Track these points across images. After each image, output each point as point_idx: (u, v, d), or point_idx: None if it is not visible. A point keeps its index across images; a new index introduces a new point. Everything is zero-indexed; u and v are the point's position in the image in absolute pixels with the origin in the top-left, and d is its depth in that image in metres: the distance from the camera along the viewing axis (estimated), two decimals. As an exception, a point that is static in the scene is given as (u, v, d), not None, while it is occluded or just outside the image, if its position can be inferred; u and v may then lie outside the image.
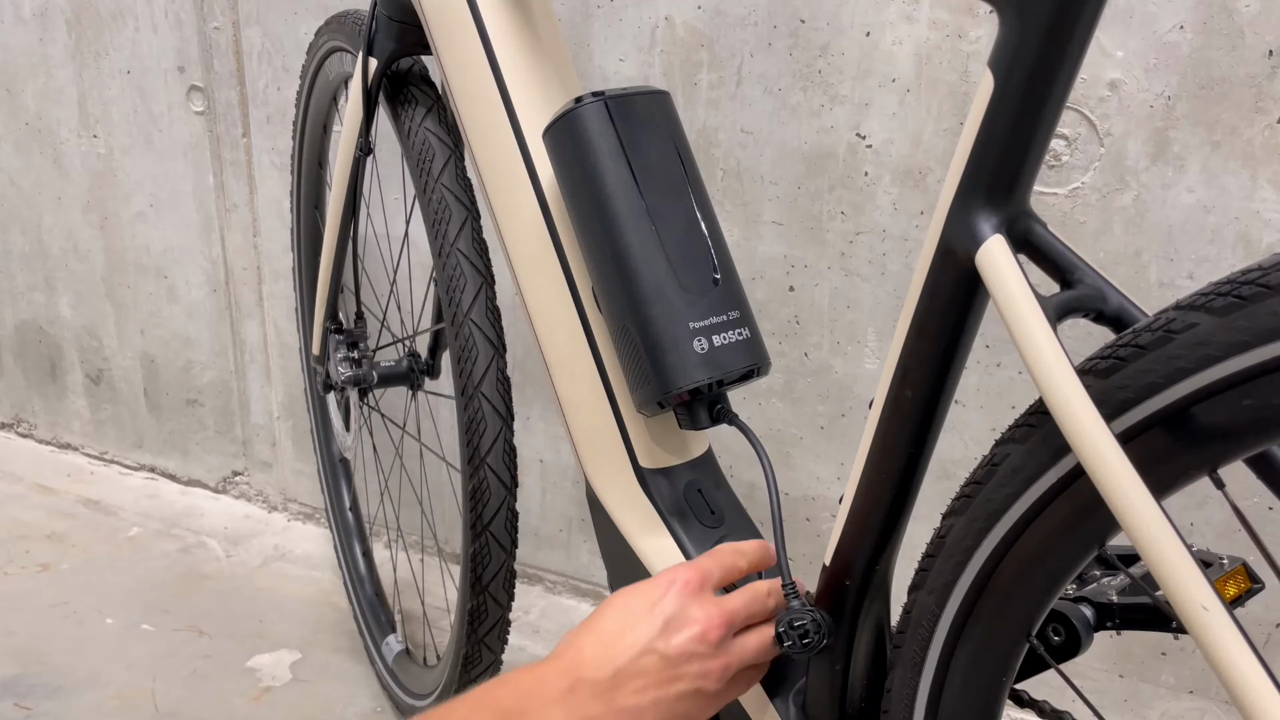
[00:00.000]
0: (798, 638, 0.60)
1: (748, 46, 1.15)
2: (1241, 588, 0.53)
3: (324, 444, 1.47)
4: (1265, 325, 0.39)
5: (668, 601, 0.61)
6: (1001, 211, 0.49)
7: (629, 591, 0.63)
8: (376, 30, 0.94)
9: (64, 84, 1.71)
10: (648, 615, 0.60)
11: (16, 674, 1.31)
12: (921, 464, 0.56)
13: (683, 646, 0.59)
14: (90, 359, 1.89)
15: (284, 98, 1.51)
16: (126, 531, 1.70)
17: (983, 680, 0.54)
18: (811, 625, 0.60)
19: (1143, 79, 0.98)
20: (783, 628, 0.61)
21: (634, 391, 0.72)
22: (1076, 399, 0.44)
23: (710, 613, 0.60)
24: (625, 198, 0.69)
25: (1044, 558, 0.50)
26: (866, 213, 1.13)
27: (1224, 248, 0.99)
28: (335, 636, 1.42)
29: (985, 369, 1.12)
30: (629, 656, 0.59)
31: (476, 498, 0.92)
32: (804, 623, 0.60)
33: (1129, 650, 1.14)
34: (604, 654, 0.59)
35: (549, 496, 1.48)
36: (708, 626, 0.60)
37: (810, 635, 0.60)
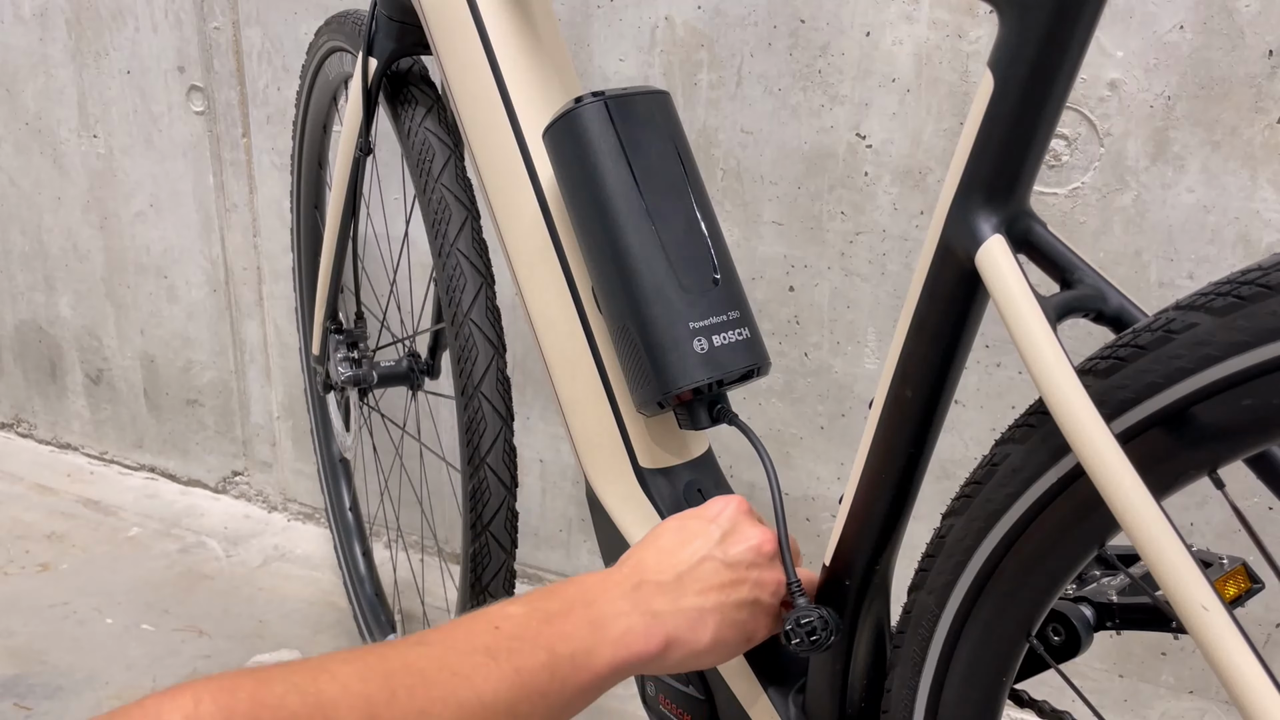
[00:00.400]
0: (805, 635, 0.60)
1: (748, 46, 1.15)
2: (1241, 588, 0.53)
3: (324, 444, 1.47)
4: (1265, 325, 0.39)
5: (724, 518, 0.64)
6: (1001, 211, 0.49)
7: (683, 515, 0.66)
8: (376, 30, 0.94)
9: (64, 84, 1.71)
10: (705, 529, 0.63)
11: (16, 674, 1.31)
12: (921, 464, 0.56)
13: (741, 555, 0.62)
14: (90, 359, 1.89)
15: (284, 98, 1.50)
16: (126, 531, 1.70)
17: (982, 680, 0.54)
18: (819, 622, 0.60)
19: (1143, 79, 0.98)
20: (790, 625, 0.61)
21: (634, 391, 0.72)
22: (1076, 399, 0.44)
23: (763, 530, 0.64)
24: (625, 198, 0.69)
25: (1044, 558, 0.50)
26: (866, 213, 1.13)
27: (1224, 248, 0.99)
28: (335, 637, 1.42)
29: (985, 369, 1.12)
30: (691, 563, 0.61)
31: (477, 498, 0.92)
32: (811, 619, 0.60)
33: (1129, 650, 1.14)
34: (666, 561, 0.61)
35: (549, 496, 1.48)
36: (763, 540, 0.63)
37: (818, 632, 0.60)
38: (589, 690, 0.54)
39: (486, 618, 0.53)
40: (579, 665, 0.53)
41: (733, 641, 0.62)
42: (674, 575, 0.61)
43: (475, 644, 0.51)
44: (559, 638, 0.53)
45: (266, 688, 0.42)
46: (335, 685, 0.44)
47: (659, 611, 0.58)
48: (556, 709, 0.52)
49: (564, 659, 0.53)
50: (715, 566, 0.61)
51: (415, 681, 0.47)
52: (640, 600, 0.58)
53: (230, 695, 0.40)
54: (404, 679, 0.47)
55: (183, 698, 0.40)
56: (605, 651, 0.55)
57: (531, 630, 0.53)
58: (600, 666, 0.54)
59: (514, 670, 0.50)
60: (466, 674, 0.49)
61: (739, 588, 0.61)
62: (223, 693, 0.40)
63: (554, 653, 0.53)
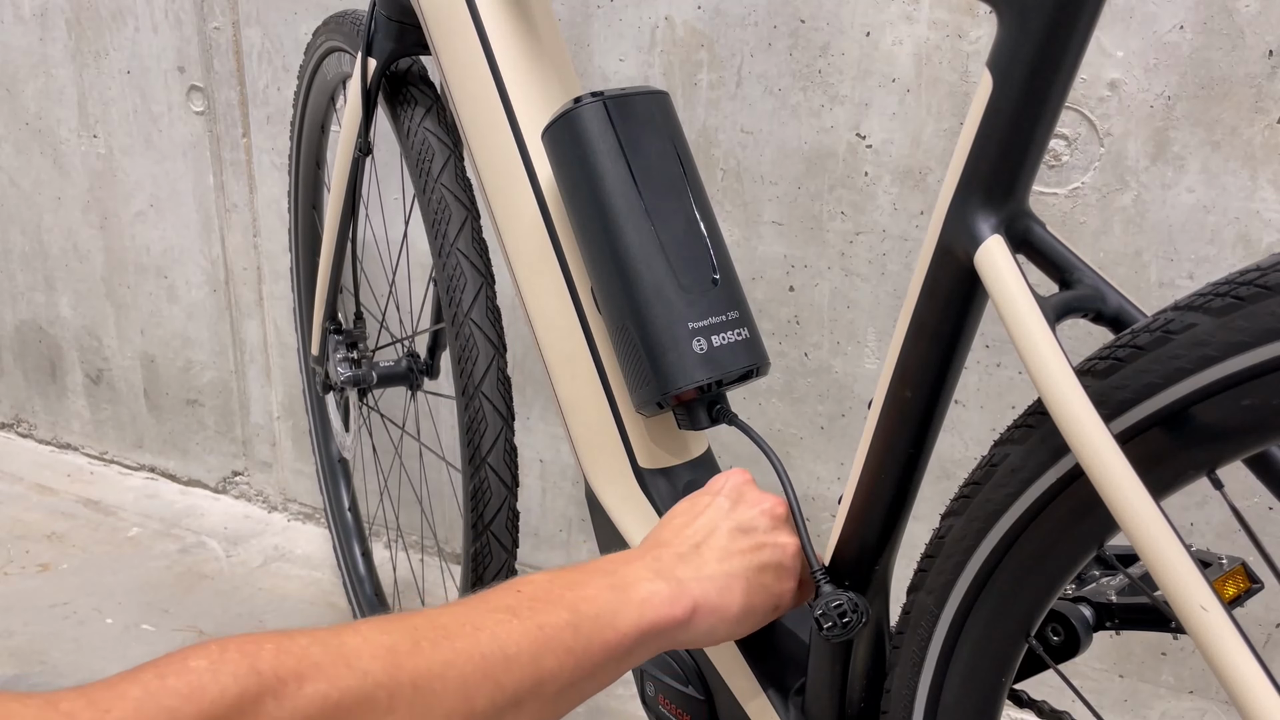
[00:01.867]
0: (837, 617, 0.60)
1: (748, 46, 1.15)
2: (1241, 588, 0.53)
3: (323, 444, 1.47)
4: (1264, 325, 0.39)
5: (730, 488, 0.65)
6: (1001, 211, 0.49)
7: (689, 496, 0.66)
8: (375, 30, 0.94)
9: (64, 84, 1.71)
10: (714, 501, 0.64)
11: (16, 674, 1.31)
12: (921, 464, 0.56)
13: (754, 519, 0.63)
14: (90, 359, 1.89)
15: (284, 98, 1.50)
16: (126, 531, 1.70)
17: (982, 680, 0.54)
18: (849, 605, 0.60)
19: (1143, 79, 0.98)
20: (820, 611, 0.60)
21: (633, 392, 0.72)
22: (1075, 399, 0.44)
23: (771, 495, 0.65)
24: (624, 198, 0.69)
25: (1043, 558, 0.50)
26: (866, 213, 1.13)
27: (1224, 248, 0.99)
28: (335, 636, 1.42)
29: (985, 369, 1.12)
30: (706, 532, 0.62)
31: (478, 498, 0.92)
32: (840, 603, 0.60)
33: (1129, 650, 1.14)
34: (682, 535, 0.62)
35: (549, 496, 1.48)
36: (773, 504, 0.64)
37: (849, 614, 0.60)
38: (615, 652, 0.53)
39: (509, 585, 0.54)
40: (603, 624, 0.53)
41: (762, 608, 0.61)
42: (692, 545, 0.61)
43: (498, 604, 0.51)
44: (582, 600, 0.53)
45: (290, 640, 0.42)
46: (357, 637, 0.45)
47: (684, 579, 0.58)
48: (585, 669, 0.52)
49: (588, 618, 0.52)
50: (731, 532, 0.61)
51: (439, 634, 0.47)
52: (663, 569, 0.58)
53: (255, 645, 0.41)
54: (427, 631, 0.47)
55: (209, 648, 0.40)
56: (630, 613, 0.54)
57: (554, 593, 0.53)
58: (626, 627, 0.54)
59: (537, 626, 0.50)
60: (490, 628, 0.49)
61: (760, 551, 0.61)
62: (248, 643, 0.41)
63: (577, 612, 0.52)
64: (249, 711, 0.39)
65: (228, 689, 0.38)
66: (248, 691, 0.39)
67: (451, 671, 0.46)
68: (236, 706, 0.38)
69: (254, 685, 0.39)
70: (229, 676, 0.39)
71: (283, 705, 0.40)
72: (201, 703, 0.37)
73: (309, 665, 0.41)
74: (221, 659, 0.39)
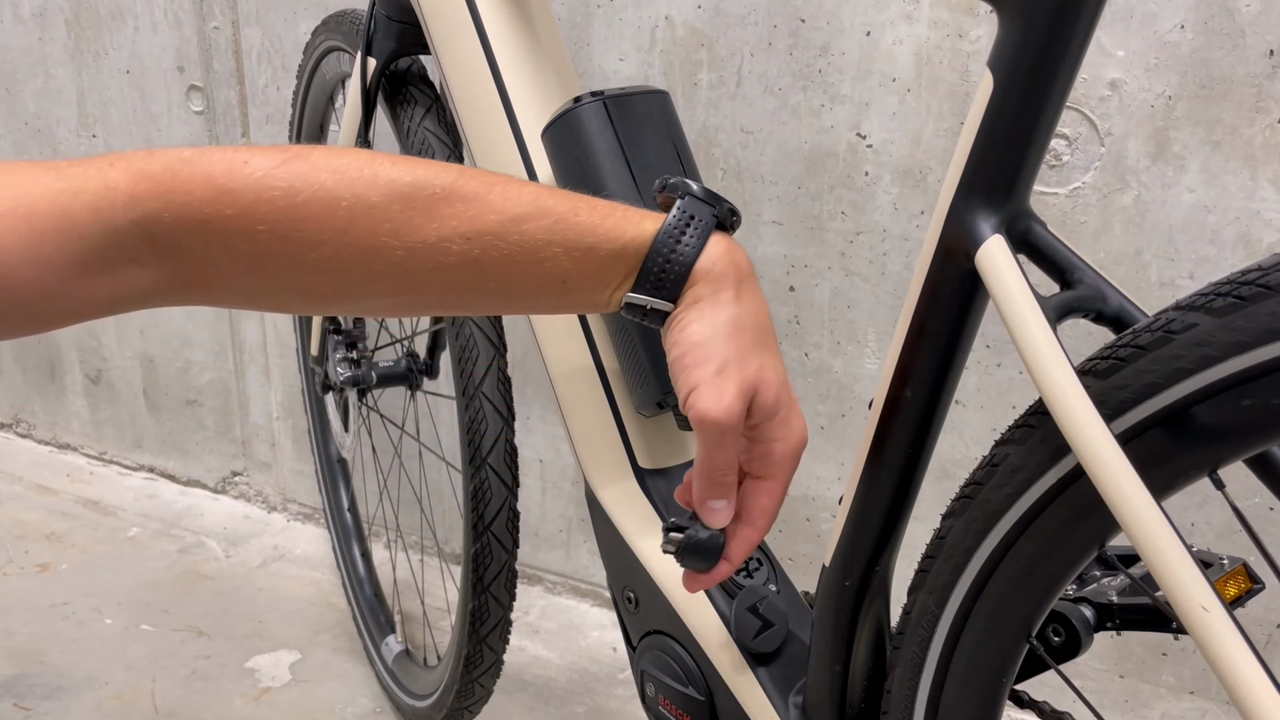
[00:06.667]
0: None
1: (748, 46, 1.15)
2: (1241, 588, 0.53)
3: (322, 445, 1.47)
4: (1265, 325, 0.39)
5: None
6: (1001, 211, 0.49)
7: None
8: (375, 30, 0.94)
9: (63, 84, 1.70)
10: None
11: (16, 674, 1.31)
12: (921, 464, 0.56)
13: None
14: (89, 359, 1.89)
15: (283, 97, 1.50)
16: (126, 532, 1.70)
17: (982, 681, 0.54)
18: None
19: (1143, 79, 0.98)
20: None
21: (633, 392, 0.71)
22: (1076, 399, 0.44)
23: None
24: (624, 197, 0.69)
25: (1044, 558, 0.49)
26: (867, 212, 1.13)
27: (1224, 248, 0.99)
28: (335, 637, 1.42)
29: (985, 369, 1.12)
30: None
31: (478, 498, 0.92)
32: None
33: (1129, 650, 1.14)
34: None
35: (549, 496, 1.47)
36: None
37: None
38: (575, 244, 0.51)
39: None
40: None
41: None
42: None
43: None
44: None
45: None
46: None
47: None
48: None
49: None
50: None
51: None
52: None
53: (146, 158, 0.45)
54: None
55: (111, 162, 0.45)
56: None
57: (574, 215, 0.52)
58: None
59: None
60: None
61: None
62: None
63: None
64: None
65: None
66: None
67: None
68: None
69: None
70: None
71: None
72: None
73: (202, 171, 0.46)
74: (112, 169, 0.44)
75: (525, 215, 0.50)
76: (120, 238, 0.44)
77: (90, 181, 0.43)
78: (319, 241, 0.47)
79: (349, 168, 0.47)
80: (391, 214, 0.48)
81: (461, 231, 0.49)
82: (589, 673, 1.35)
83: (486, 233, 0.49)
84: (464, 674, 1.00)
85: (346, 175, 0.47)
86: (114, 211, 0.43)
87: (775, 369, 0.53)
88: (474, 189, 0.49)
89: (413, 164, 0.49)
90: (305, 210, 0.46)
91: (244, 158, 0.46)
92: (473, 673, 1.00)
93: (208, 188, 0.44)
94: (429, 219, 0.48)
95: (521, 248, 0.50)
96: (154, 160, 0.44)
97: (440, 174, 0.49)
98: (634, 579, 0.77)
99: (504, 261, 0.50)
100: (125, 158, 0.44)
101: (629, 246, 0.52)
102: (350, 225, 0.47)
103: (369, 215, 0.47)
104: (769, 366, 0.52)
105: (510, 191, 0.50)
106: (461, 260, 0.49)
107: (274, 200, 0.45)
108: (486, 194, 0.49)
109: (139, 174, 0.44)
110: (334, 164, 0.47)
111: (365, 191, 0.47)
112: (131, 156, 0.44)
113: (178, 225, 0.44)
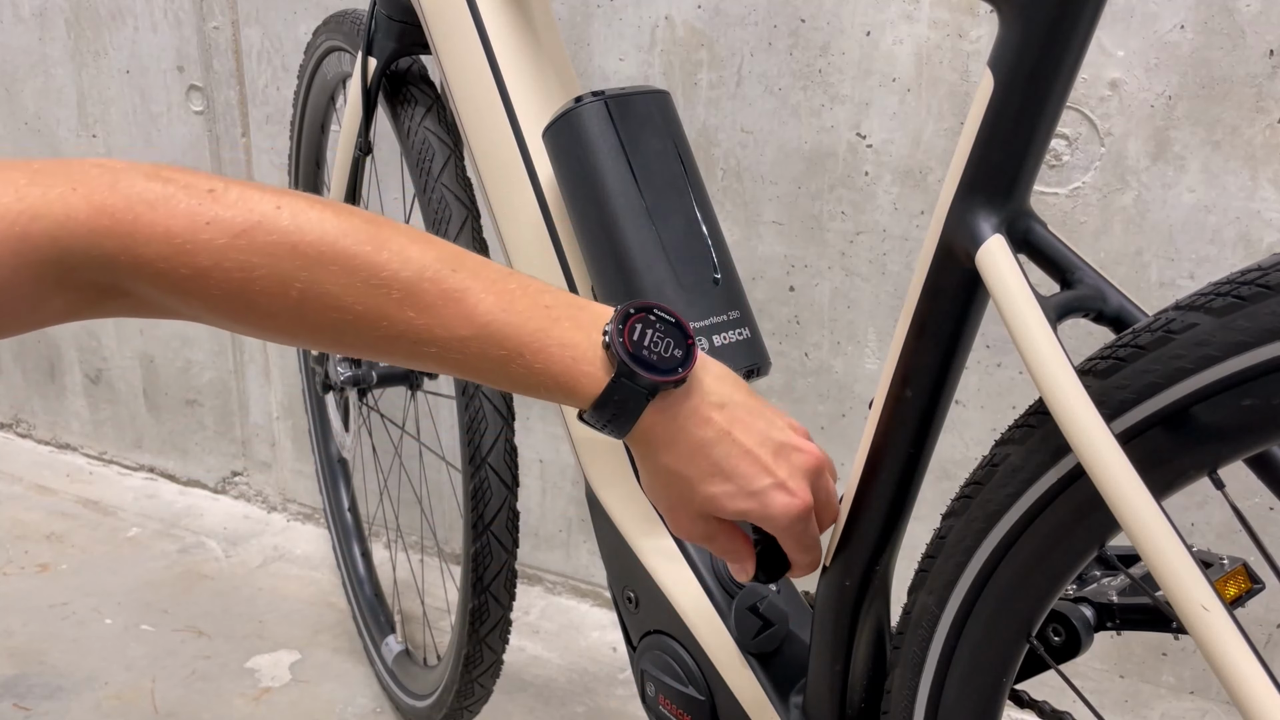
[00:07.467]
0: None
1: (748, 46, 1.15)
2: (1242, 588, 0.53)
3: (322, 445, 1.47)
4: (1265, 325, 0.39)
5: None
6: (1001, 211, 0.49)
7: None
8: (376, 30, 0.94)
9: (63, 84, 1.70)
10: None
11: (16, 674, 1.31)
12: (921, 464, 0.56)
13: (789, 438, 0.58)
14: (89, 359, 1.89)
15: (283, 97, 1.50)
16: (126, 532, 1.70)
17: (983, 681, 0.54)
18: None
19: (1143, 78, 0.98)
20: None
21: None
22: (1076, 399, 0.44)
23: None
24: (625, 197, 0.69)
25: (1044, 558, 0.49)
26: (867, 212, 1.13)
27: (1224, 248, 0.99)
28: (335, 637, 1.42)
29: (985, 369, 1.12)
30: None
31: (478, 498, 0.92)
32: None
33: (1129, 650, 1.14)
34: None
35: (548, 496, 1.47)
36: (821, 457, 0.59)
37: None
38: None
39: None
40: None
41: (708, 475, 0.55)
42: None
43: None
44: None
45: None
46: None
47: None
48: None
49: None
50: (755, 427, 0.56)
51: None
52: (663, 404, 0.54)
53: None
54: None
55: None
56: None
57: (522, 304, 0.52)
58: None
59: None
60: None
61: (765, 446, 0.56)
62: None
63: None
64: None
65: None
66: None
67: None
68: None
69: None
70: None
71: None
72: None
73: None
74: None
75: (474, 338, 0.50)
76: (78, 265, 0.43)
77: (51, 208, 0.42)
78: (272, 312, 0.47)
79: (311, 248, 0.46)
80: (345, 305, 0.48)
81: (410, 337, 0.50)
82: (589, 673, 1.35)
83: (435, 342, 0.50)
84: (464, 674, 1.00)
85: (306, 257, 0.46)
86: (73, 243, 0.43)
87: (726, 490, 0.55)
88: (431, 300, 0.49)
89: (378, 252, 0.48)
90: (260, 285, 0.46)
91: (207, 216, 0.45)
92: (472, 673, 1.00)
93: (165, 245, 0.44)
94: (380, 318, 0.49)
95: (469, 367, 0.51)
96: (117, 193, 0.43)
97: (404, 268, 0.48)
98: (634, 579, 0.77)
99: (454, 366, 0.52)
100: (89, 183, 0.43)
101: (577, 395, 0.53)
102: (302, 306, 0.47)
103: (321, 300, 0.47)
104: (716, 495, 0.55)
105: (466, 308, 0.50)
106: (411, 356, 0.51)
107: (228, 272, 0.45)
108: (442, 309, 0.49)
109: (99, 209, 0.43)
110: (299, 240, 0.46)
111: (322, 280, 0.47)
112: (96, 183, 0.43)
113: (133, 272, 0.44)
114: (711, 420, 0.55)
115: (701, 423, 0.54)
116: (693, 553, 0.75)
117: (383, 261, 0.48)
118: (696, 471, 0.55)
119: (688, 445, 0.55)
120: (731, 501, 0.55)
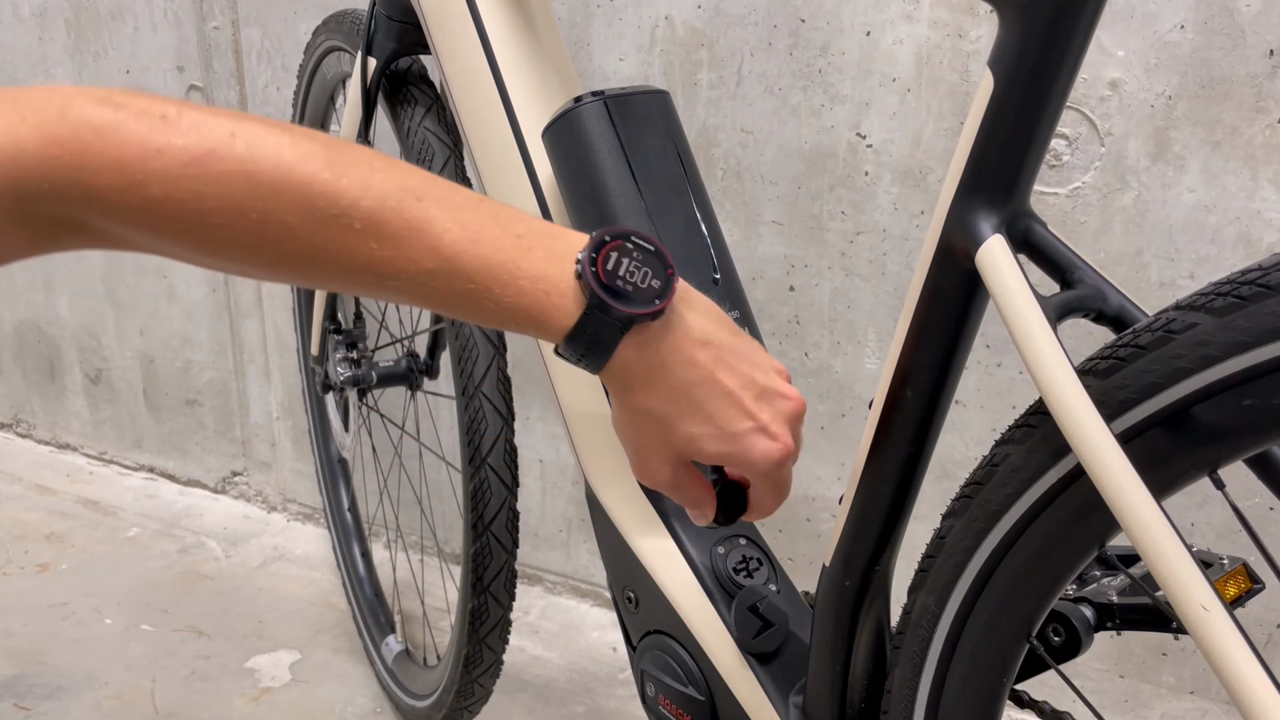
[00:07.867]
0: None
1: (748, 46, 1.15)
2: (1242, 588, 0.53)
3: (322, 445, 1.47)
4: (1265, 325, 0.39)
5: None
6: (1001, 211, 0.49)
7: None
8: (375, 29, 0.94)
9: (63, 83, 1.70)
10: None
11: (16, 674, 1.31)
12: (921, 464, 0.56)
13: (772, 382, 0.56)
14: (89, 359, 1.89)
15: (283, 97, 1.50)
16: (126, 532, 1.70)
17: (983, 681, 0.54)
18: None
19: (1143, 78, 0.98)
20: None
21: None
22: (1076, 399, 0.44)
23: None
24: (624, 197, 0.69)
25: (1044, 558, 0.49)
26: (867, 212, 1.13)
27: (1224, 248, 0.99)
28: (335, 637, 1.42)
29: (985, 369, 1.12)
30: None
31: (478, 498, 0.92)
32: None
33: (1129, 650, 1.14)
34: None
35: (548, 496, 1.47)
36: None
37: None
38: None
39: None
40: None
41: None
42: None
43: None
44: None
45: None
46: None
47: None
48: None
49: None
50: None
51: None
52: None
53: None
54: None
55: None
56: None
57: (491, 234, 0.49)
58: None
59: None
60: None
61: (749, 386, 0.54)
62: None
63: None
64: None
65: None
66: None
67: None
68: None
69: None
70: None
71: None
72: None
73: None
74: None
75: (439, 272, 0.48)
76: (31, 198, 0.42)
77: (2, 139, 0.40)
78: (230, 244, 0.45)
79: (267, 177, 0.44)
80: (303, 236, 0.45)
81: (374, 270, 0.47)
82: (589, 673, 1.35)
83: (399, 276, 0.48)
84: (464, 674, 1.00)
85: (262, 187, 0.44)
86: (24, 175, 0.41)
87: (706, 432, 0.53)
88: (394, 230, 0.47)
89: (338, 179, 0.46)
90: (216, 217, 0.44)
91: (158, 144, 0.42)
92: (472, 673, 1.00)
93: (115, 176, 0.42)
94: (341, 250, 0.46)
95: (437, 301, 0.49)
96: (66, 122, 0.41)
97: (365, 197, 0.46)
98: (634, 579, 0.77)
99: (422, 300, 0.50)
100: (38, 111, 0.41)
101: (548, 329, 0.51)
102: (260, 238, 0.45)
103: (279, 232, 0.45)
104: (695, 436, 0.53)
105: (430, 239, 0.47)
106: (377, 289, 0.49)
107: (182, 203, 0.43)
108: (405, 240, 0.47)
109: (49, 138, 0.41)
110: (253, 169, 0.44)
111: (278, 210, 0.45)
112: (44, 110, 0.41)
113: (85, 204, 0.42)
114: (695, 360, 0.52)
115: (684, 362, 0.52)
116: (693, 553, 0.75)
117: (342, 189, 0.45)
118: (676, 411, 0.53)
119: (668, 385, 0.52)
120: (710, 444, 0.54)
